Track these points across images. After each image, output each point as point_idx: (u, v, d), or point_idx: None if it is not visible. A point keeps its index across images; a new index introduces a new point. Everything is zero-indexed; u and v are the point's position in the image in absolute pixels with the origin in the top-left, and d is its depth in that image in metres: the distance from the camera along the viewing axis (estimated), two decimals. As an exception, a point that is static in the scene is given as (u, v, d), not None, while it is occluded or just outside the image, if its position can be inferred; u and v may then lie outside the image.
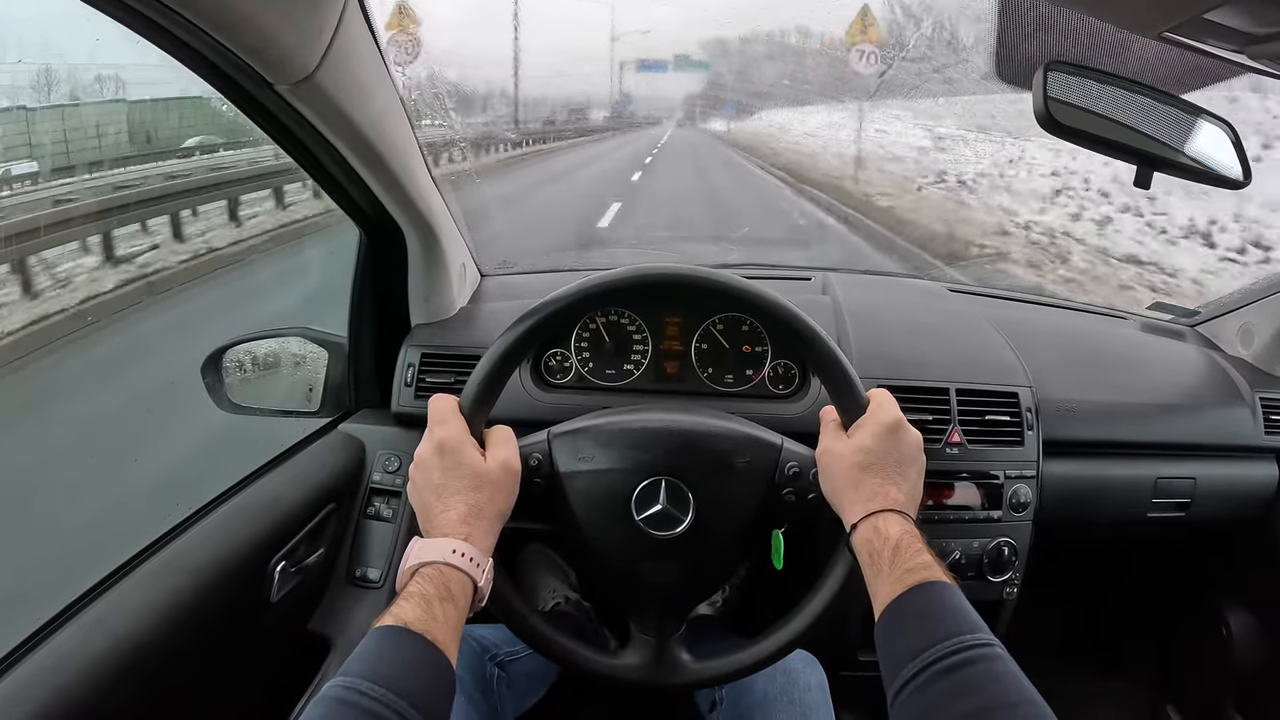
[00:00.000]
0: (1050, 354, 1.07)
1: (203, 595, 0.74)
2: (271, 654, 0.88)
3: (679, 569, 0.72)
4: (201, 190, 4.72)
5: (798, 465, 0.72)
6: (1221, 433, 1.06)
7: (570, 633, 0.74)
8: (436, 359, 1.02)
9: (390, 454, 1.00)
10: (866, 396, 0.70)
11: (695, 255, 4.30)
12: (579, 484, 0.71)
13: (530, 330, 0.71)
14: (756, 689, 0.84)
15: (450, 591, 0.57)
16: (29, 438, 2.13)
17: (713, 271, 0.74)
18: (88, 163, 3.80)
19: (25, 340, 2.78)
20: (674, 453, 0.71)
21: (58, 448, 2.08)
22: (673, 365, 1.03)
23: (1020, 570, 0.97)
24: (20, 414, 2.26)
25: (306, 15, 0.61)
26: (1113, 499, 1.03)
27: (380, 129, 0.79)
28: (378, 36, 0.73)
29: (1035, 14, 0.70)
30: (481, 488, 0.63)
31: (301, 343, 1.08)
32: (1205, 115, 0.73)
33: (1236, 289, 1.23)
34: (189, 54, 0.62)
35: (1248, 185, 0.74)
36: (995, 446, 0.96)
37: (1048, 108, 0.67)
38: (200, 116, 4.81)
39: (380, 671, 0.51)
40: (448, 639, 0.55)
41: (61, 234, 3.19)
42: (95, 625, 0.67)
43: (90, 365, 2.79)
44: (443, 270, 1.04)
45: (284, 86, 0.66)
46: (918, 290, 1.36)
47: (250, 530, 0.83)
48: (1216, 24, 0.56)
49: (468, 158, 3.36)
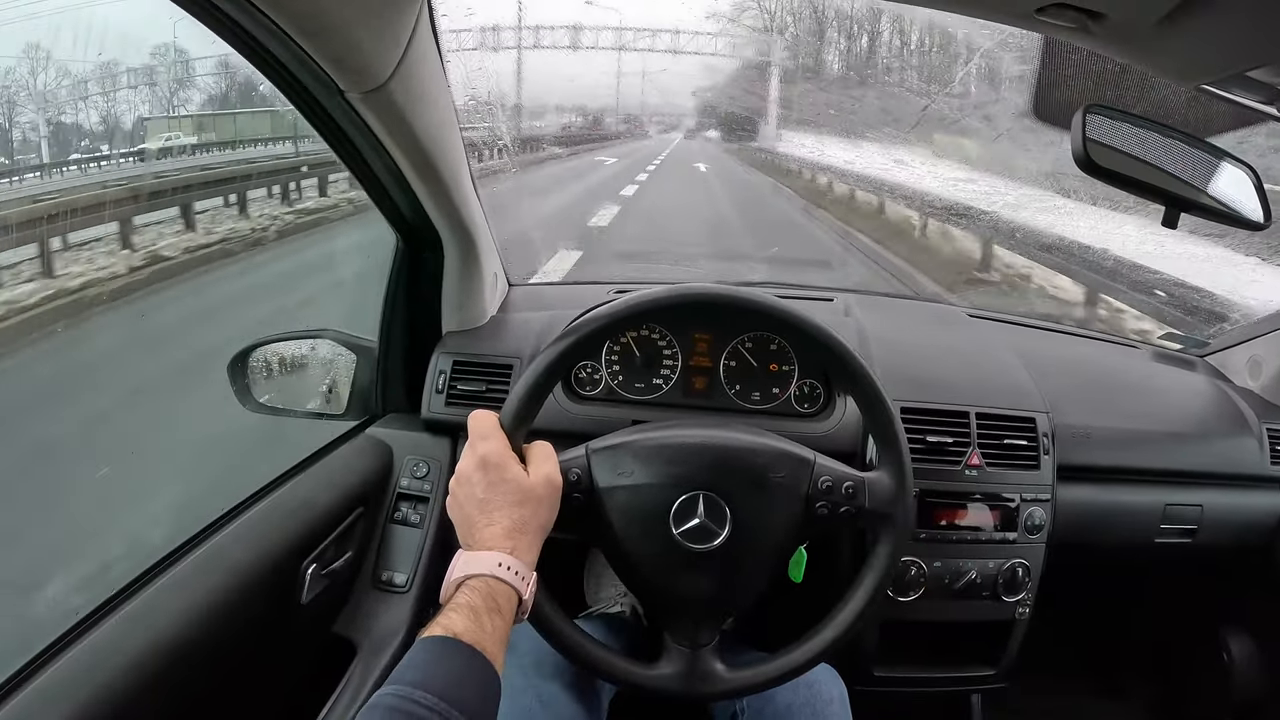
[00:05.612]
0: (1065, 380, 1.10)
1: (239, 595, 0.74)
2: (300, 656, 0.87)
3: (715, 581, 0.73)
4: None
5: (830, 480, 0.74)
6: (1229, 462, 1.09)
7: (626, 640, 0.75)
8: (468, 366, 1.03)
9: (418, 459, 1.00)
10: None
11: (720, 273, 4.32)
12: (618, 498, 0.72)
13: (573, 346, 0.73)
14: (779, 701, 0.84)
15: (497, 604, 0.59)
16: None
17: (752, 292, 0.77)
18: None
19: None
20: (711, 467, 0.73)
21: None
22: (701, 381, 1.04)
23: (1033, 591, 0.99)
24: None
25: (388, 25, 0.63)
26: (1122, 524, 1.06)
27: (437, 139, 0.80)
28: (442, 48, 0.75)
29: (1077, 58, 0.73)
30: (525, 503, 0.64)
31: (331, 345, 1.08)
32: (1229, 159, 0.76)
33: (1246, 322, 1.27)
34: (266, 59, 0.63)
35: (1269, 226, 0.77)
36: (1012, 470, 0.99)
37: (1086, 150, 0.70)
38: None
39: (432, 681, 0.52)
40: (496, 650, 0.57)
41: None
42: (136, 621, 0.67)
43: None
44: (478, 279, 1.05)
45: (355, 95, 0.67)
46: (937, 314, 1.39)
47: (283, 532, 0.83)
48: (1255, 80, 0.60)
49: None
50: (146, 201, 3.74)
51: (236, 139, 6.20)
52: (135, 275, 3.18)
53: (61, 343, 2.60)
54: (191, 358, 2.37)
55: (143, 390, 2.41)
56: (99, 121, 4.46)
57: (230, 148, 6.05)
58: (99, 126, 4.42)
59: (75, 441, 2.06)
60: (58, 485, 1.77)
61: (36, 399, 2.15)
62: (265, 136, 6.27)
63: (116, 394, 2.35)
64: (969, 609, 0.98)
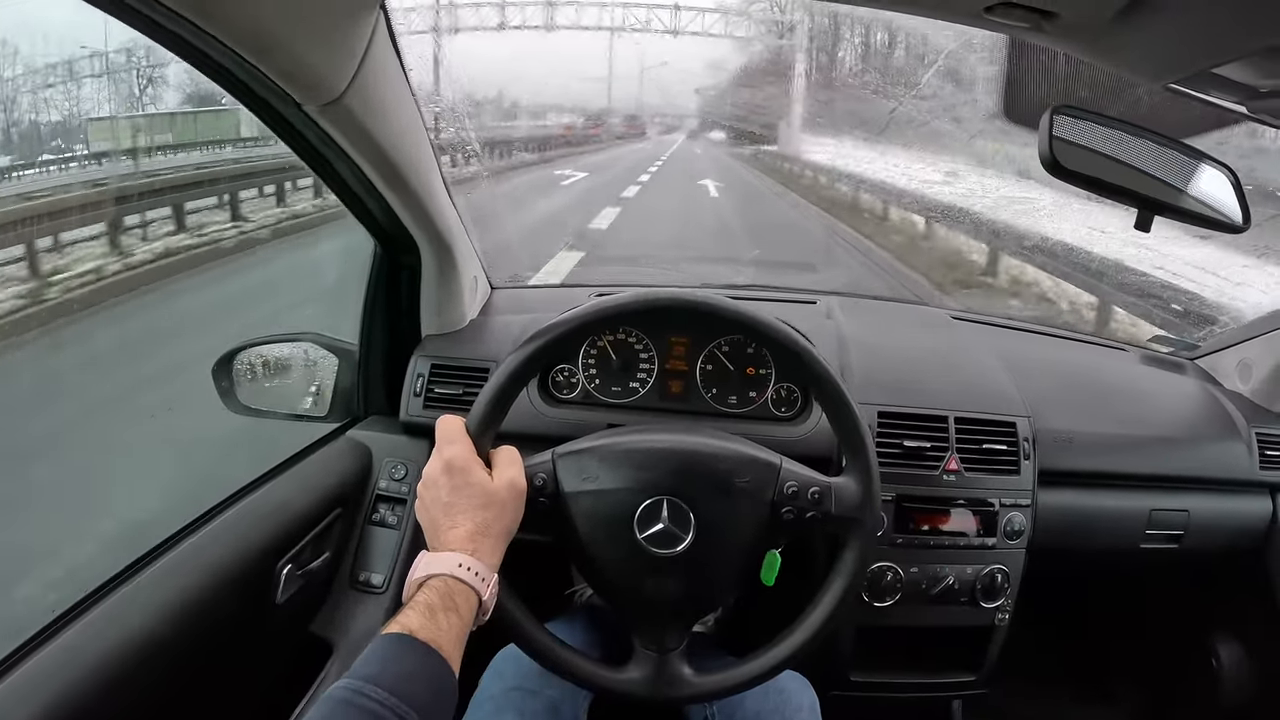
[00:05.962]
0: (1049, 383, 1.08)
1: (212, 596, 0.76)
2: (274, 656, 0.89)
3: (680, 586, 0.73)
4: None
5: (796, 485, 0.74)
6: (1217, 466, 1.07)
7: (608, 634, 0.75)
8: (446, 370, 1.04)
9: (397, 462, 1.02)
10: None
11: (705, 276, 4.27)
12: (583, 503, 0.73)
13: (538, 351, 0.73)
14: (749, 707, 0.84)
15: (455, 603, 0.59)
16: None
17: (717, 297, 0.77)
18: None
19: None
20: (676, 472, 0.73)
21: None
22: (677, 385, 1.04)
23: (1013, 597, 0.98)
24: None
25: (338, 40, 0.63)
26: (1107, 529, 1.04)
27: (402, 147, 0.81)
28: (403, 58, 0.75)
29: (1044, 58, 0.72)
30: (488, 506, 0.65)
31: (312, 348, 1.10)
32: (1207, 159, 0.74)
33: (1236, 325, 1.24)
34: (222, 74, 0.64)
35: (1248, 229, 0.75)
36: (991, 475, 0.98)
37: (1053, 151, 0.69)
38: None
39: (385, 676, 0.53)
40: (451, 648, 0.58)
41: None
42: (109, 621, 0.68)
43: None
44: (455, 283, 1.06)
45: (312, 108, 0.68)
46: (921, 317, 1.37)
47: (259, 533, 0.84)
48: (1223, 78, 0.58)
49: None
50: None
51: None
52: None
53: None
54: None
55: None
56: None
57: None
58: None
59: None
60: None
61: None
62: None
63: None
64: (946, 614, 0.98)
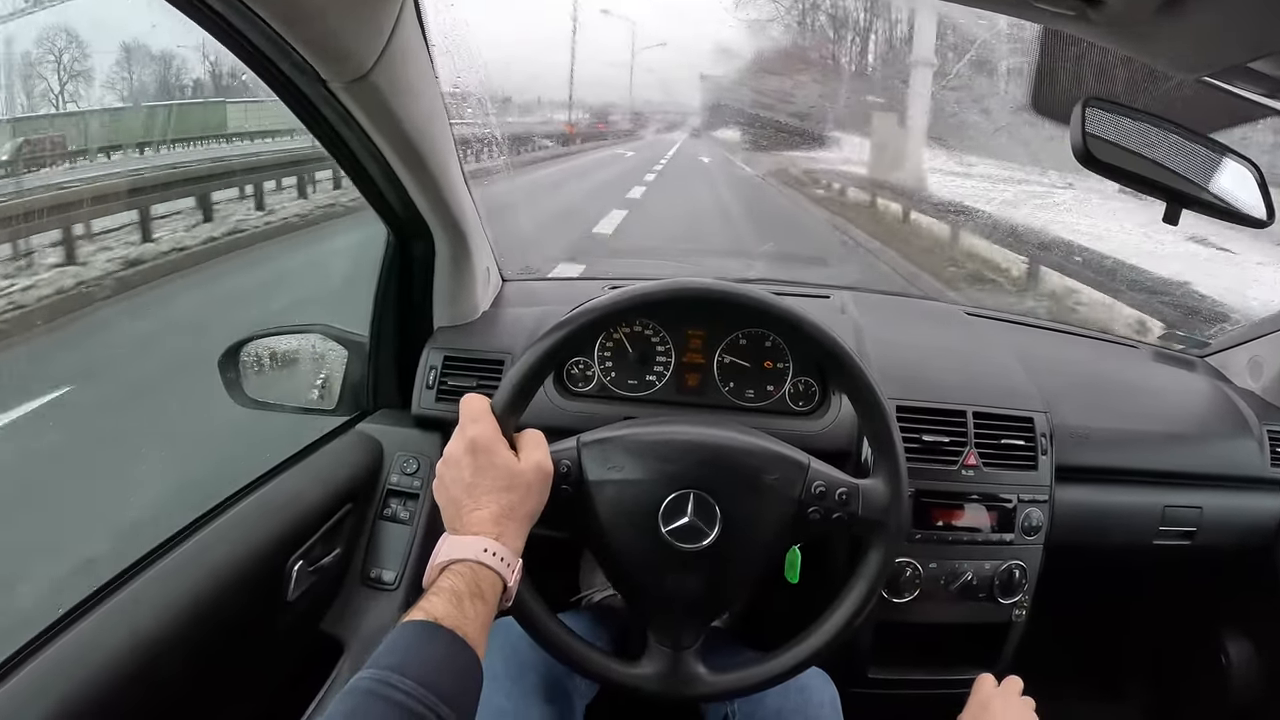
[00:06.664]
0: (1064, 380, 1.09)
1: (222, 593, 0.73)
2: (285, 653, 0.87)
3: (702, 582, 0.72)
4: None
5: (824, 485, 0.72)
6: (1229, 463, 1.08)
7: (616, 630, 0.73)
8: (459, 362, 1.02)
9: (408, 456, 0.99)
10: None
11: (716, 269, 4.27)
12: (607, 493, 0.71)
13: (568, 337, 0.72)
14: (770, 704, 0.83)
15: (481, 590, 0.57)
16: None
17: (748, 288, 0.75)
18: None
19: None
20: (703, 466, 0.71)
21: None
22: (694, 378, 1.03)
23: (1030, 593, 0.98)
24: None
25: (367, 15, 0.62)
26: (1121, 525, 1.05)
27: (424, 131, 0.79)
28: (429, 39, 0.74)
29: (1075, 50, 0.72)
30: (514, 488, 0.63)
31: (321, 340, 1.08)
32: (1232, 154, 0.74)
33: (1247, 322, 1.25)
34: (245, 46, 0.62)
35: (1271, 224, 0.75)
36: (1009, 470, 0.97)
37: (1086, 144, 0.69)
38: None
39: (411, 666, 0.50)
40: (477, 636, 0.55)
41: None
42: (118, 618, 0.66)
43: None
44: (469, 274, 1.04)
45: (338, 84, 0.66)
46: (935, 312, 1.37)
47: (270, 529, 0.82)
48: (1256, 72, 0.58)
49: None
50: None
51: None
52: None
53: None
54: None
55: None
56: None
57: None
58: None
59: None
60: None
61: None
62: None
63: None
64: (965, 610, 0.97)
